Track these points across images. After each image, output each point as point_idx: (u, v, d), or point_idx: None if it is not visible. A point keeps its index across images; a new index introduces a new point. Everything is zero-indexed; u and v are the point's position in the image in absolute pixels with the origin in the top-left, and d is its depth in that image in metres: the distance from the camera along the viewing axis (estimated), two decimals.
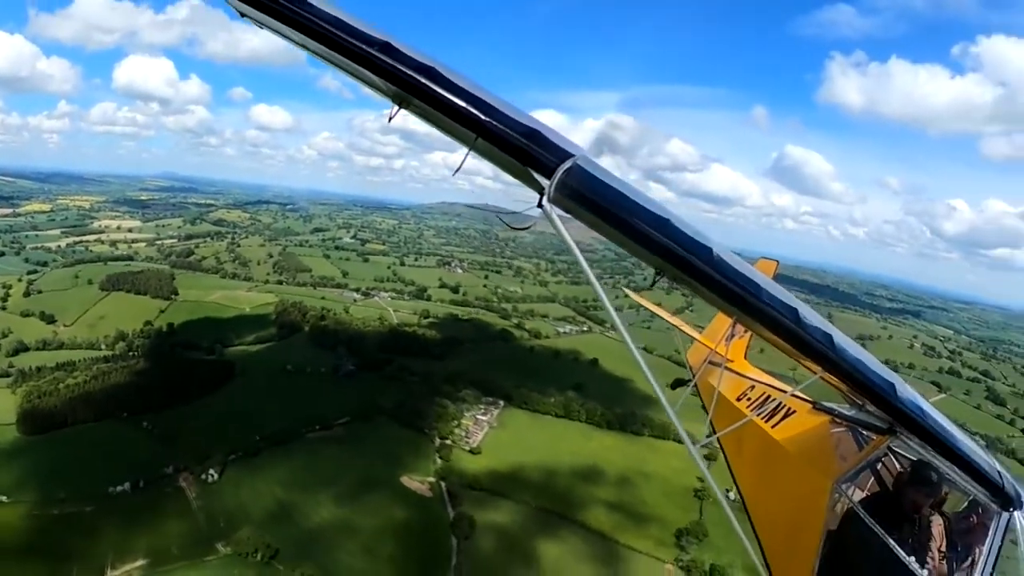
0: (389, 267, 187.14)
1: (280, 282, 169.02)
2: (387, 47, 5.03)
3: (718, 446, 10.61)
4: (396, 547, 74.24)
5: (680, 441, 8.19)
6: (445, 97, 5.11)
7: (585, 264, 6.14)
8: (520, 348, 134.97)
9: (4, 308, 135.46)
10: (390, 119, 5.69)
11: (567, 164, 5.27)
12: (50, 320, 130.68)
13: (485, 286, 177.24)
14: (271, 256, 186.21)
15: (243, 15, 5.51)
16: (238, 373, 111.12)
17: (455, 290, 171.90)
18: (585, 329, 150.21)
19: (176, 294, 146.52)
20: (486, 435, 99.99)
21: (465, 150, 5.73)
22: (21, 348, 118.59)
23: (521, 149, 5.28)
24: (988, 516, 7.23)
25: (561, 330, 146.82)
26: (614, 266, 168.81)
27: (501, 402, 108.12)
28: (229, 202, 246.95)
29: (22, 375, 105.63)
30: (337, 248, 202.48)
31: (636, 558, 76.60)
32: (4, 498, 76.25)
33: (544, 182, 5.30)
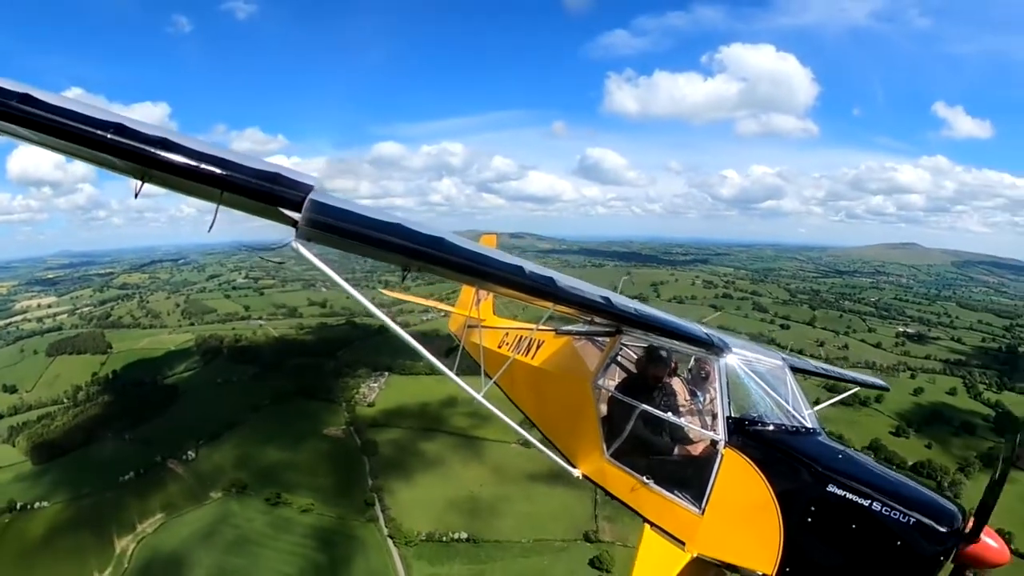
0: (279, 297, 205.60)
1: (192, 324, 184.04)
2: (121, 128, 4.83)
3: (499, 389, 11.45)
4: (327, 468, 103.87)
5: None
6: (184, 163, 5.01)
7: (340, 280, 6.67)
8: (396, 336, 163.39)
9: None
10: (136, 195, 5.60)
11: (309, 197, 5.33)
12: (12, 390, 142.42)
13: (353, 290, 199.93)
14: (178, 305, 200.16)
15: None
16: (181, 392, 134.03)
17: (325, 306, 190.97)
18: (443, 315, 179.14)
19: (111, 347, 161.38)
20: (378, 394, 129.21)
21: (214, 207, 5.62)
22: None
23: (267, 194, 5.28)
24: (711, 365, 9.05)
25: (424, 317, 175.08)
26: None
27: (387, 372, 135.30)
28: (126, 267, 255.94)
29: (13, 430, 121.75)
30: (234, 288, 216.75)
31: (489, 444, 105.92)
32: (45, 503, 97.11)
33: (295, 215, 5.38)
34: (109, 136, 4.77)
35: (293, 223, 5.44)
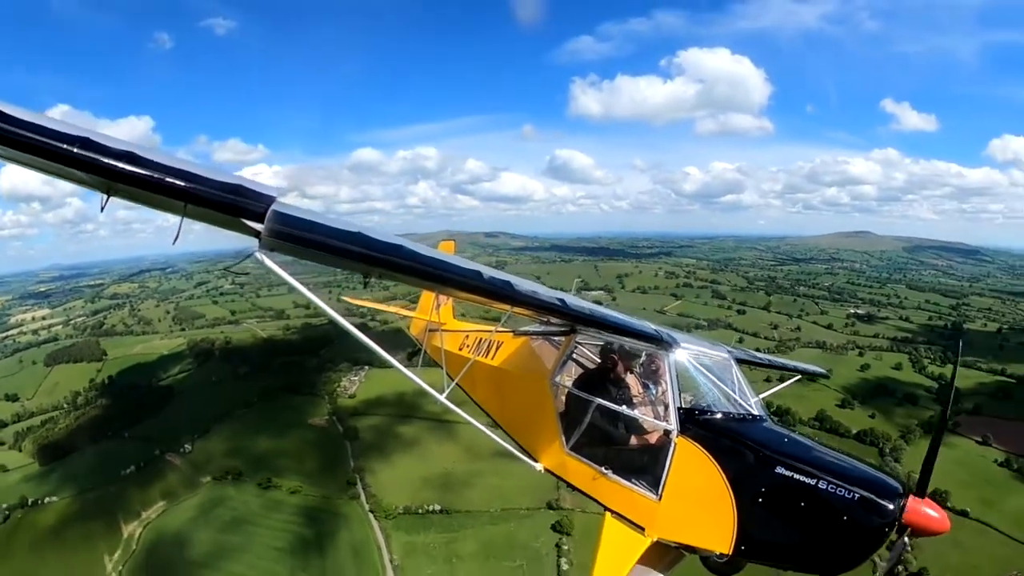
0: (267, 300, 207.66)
1: (183, 329, 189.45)
2: (87, 142, 4.82)
3: (460, 390, 11.38)
4: (313, 454, 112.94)
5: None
6: (150, 176, 5.00)
7: (302, 287, 6.73)
8: (374, 333, 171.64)
9: None
10: (102, 209, 5.53)
11: (271, 208, 5.39)
12: (14, 399, 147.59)
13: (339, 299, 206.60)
14: (168, 312, 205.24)
15: None
16: (176, 393, 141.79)
17: (310, 307, 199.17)
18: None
19: (106, 354, 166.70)
20: (358, 386, 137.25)
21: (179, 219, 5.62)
22: (2, 424, 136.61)
23: (230, 205, 5.31)
24: (661, 359, 9.21)
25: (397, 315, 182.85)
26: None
27: (366, 367, 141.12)
28: (116, 278, 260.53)
29: (18, 435, 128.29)
30: (222, 294, 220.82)
31: (462, 426, 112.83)
32: (55, 498, 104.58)
33: (258, 227, 5.41)
34: (75, 150, 4.80)
35: (256, 234, 5.51)
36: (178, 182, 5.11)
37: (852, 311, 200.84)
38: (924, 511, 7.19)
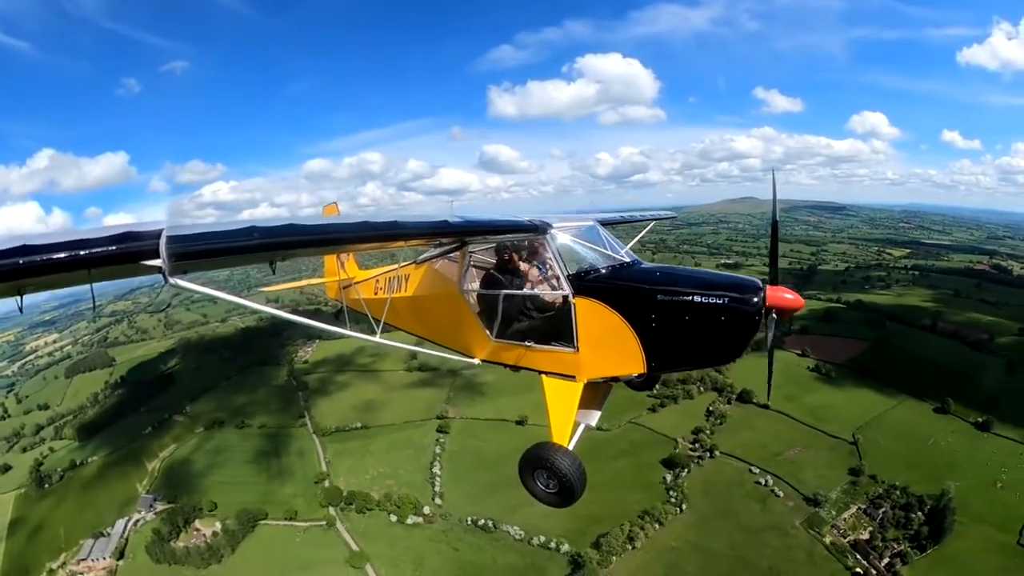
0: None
1: (174, 332, 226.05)
2: None
3: (390, 327, 12.71)
4: (275, 402, 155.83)
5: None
6: (48, 261, 5.01)
7: (223, 294, 7.61)
8: (326, 315, 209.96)
9: (10, 416, 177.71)
10: (20, 310, 5.86)
11: (161, 241, 5.54)
12: (45, 408, 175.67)
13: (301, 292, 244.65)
14: (159, 321, 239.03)
15: None
16: (176, 377, 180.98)
17: (279, 300, 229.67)
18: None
19: (114, 360, 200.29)
20: (311, 354, 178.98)
21: (89, 287, 5.87)
22: (41, 427, 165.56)
23: (124, 254, 5.40)
24: (542, 243, 10.87)
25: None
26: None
27: (317, 340, 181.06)
28: (110, 298, 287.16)
29: (57, 429, 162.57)
30: (193, 302, 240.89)
31: (384, 372, 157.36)
32: (95, 458, 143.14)
33: (157, 263, 5.59)
34: None
35: (158, 269, 5.66)
36: (76, 252, 5.17)
37: (723, 261, 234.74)
38: (781, 295, 9.03)
